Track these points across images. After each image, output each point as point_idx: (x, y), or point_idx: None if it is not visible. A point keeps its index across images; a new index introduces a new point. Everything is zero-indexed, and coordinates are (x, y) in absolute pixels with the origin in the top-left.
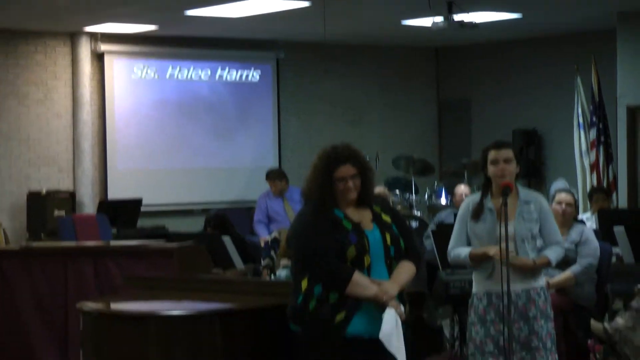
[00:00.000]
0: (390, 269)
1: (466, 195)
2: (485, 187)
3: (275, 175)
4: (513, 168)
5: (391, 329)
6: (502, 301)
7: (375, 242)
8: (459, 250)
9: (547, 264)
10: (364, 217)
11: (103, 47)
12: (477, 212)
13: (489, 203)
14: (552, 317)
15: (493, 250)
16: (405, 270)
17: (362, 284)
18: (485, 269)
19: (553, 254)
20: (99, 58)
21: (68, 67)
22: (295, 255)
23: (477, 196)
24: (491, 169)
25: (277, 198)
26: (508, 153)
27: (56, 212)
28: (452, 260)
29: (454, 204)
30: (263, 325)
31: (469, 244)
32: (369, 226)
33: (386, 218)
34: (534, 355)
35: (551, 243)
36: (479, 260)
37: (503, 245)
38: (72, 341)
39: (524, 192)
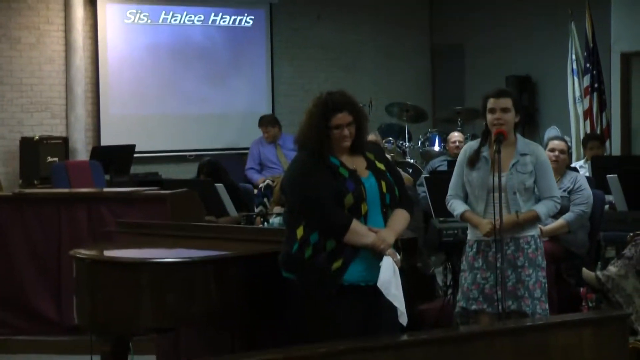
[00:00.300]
0: (385, 217)
1: (460, 143)
2: (484, 135)
3: (268, 122)
4: (510, 117)
5: (389, 276)
6: (490, 249)
7: (372, 190)
8: (455, 205)
9: (535, 218)
10: (359, 165)
11: None
12: (473, 160)
13: (486, 152)
14: (544, 266)
15: (484, 231)
16: (401, 218)
17: (360, 232)
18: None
19: (543, 208)
20: (91, 2)
21: (61, 11)
22: (291, 203)
23: (476, 143)
24: (488, 117)
25: (269, 145)
26: (506, 102)
27: (49, 159)
28: (449, 210)
29: (447, 151)
30: (256, 272)
31: (465, 191)
32: (364, 173)
33: (380, 166)
34: (520, 304)
35: (545, 198)
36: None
37: (496, 195)
38: (65, 288)
39: (522, 144)
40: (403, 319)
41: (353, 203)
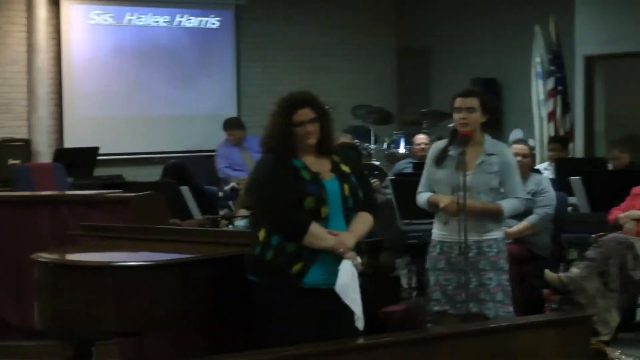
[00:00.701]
0: (348, 220)
1: (425, 145)
2: (453, 134)
3: (233, 125)
4: (476, 117)
5: (347, 280)
6: (452, 251)
7: (334, 193)
8: (422, 195)
9: (498, 212)
10: (323, 167)
11: None
12: (440, 159)
13: (452, 150)
14: (507, 270)
15: (443, 203)
16: (363, 222)
17: (319, 235)
18: (441, 217)
19: (507, 204)
20: (55, 3)
21: (23, 12)
22: (254, 206)
23: (443, 142)
24: (455, 116)
25: (235, 147)
26: (473, 102)
27: (11, 161)
28: (418, 204)
29: (412, 153)
30: (221, 275)
31: (434, 188)
32: (327, 176)
33: (345, 168)
34: (481, 307)
35: (510, 197)
36: (436, 206)
37: (460, 194)
38: (27, 292)
39: (490, 144)
40: (360, 323)
41: (313, 206)
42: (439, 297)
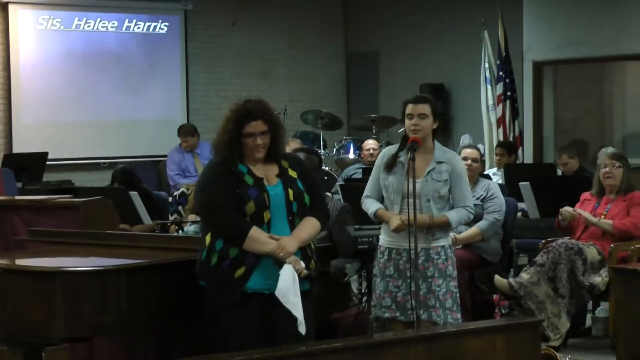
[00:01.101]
0: (292, 225)
1: (374, 150)
2: (403, 140)
3: (187, 131)
4: (427, 124)
5: (287, 285)
6: (401, 257)
7: (277, 198)
8: (369, 204)
9: (446, 224)
10: (269, 172)
11: None
12: (390, 165)
13: (403, 157)
14: (455, 276)
15: (393, 225)
16: (308, 226)
17: (259, 239)
18: (389, 226)
19: (455, 215)
20: (3, 8)
21: None
22: (199, 210)
23: (394, 148)
24: (406, 123)
25: (188, 154)
26: (424, 108)
27: None
28: (364, 209)
29: (362, 158)
30: (170, 280)
31: (381, 194)
32: (273, 181)
33: (292, 174)
34: (431, 314)
35: (458, 206)
36: (383, 221)
37: (410, 201)
38: None
39: (440, 151)
40: (302, 328)
41: (255, 211)
42: (388, 303)
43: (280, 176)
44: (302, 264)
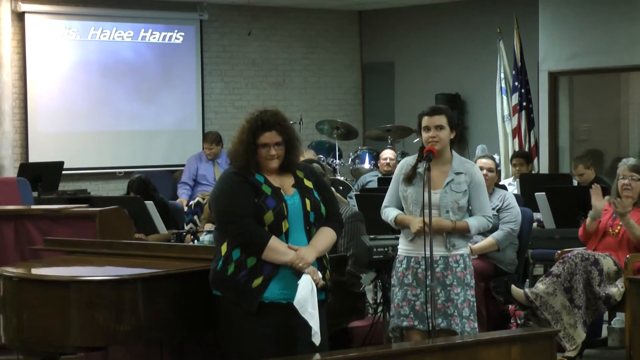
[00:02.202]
0: (309, 235)
1: (391, 160)
2: (421, 151)
3: (213, 139)
4: (445, 135)
5: (306, 295)
6: (419, 266)
7: (295, 208)
8: (389, 211)
9: (465, 229)
10: (285, 182)
11: (24, 6)
12: (410, 176)
13: (422, 168)
14: (472, 285)
15: (414, 229)
16: (325, 236)
17: (278, 249)
18: (407, 233)
19: (475, 222)
20: (19, 18)
21: None
22: (216, 219)
23: (412, 159)
24: (423, 135)
25: (208, 162)
26: (441, 120)
27: None
28: (383, 218)
29: (377, 168)
30: (186, 290)
31: (400, 205)
32: (289, 191)
33: (308, 184)
34: (450, 323)
35: (477, 214)
36: (404, 226)
37: (426, 211)
38: None
39: (458, 162)
40: (316, 339)
41: (273, 220)
42: (407, 312)
43: (297, 186)
44: (320, 275)
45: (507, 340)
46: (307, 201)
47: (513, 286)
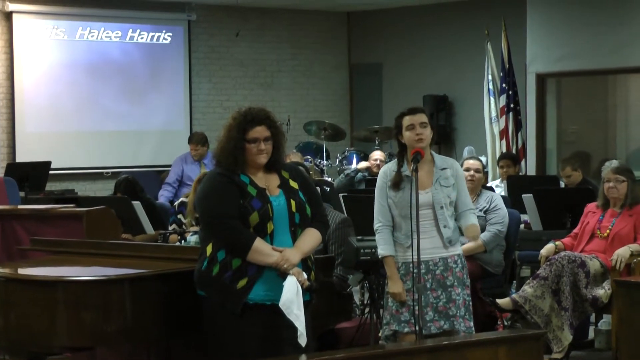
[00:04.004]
0: (294, 236)
1: (381, 161)
2: (401, 154)
3: (199, 140)
4: (429, 132)
5: (291, 296)
6: (416, 269)
7: (280, 209)
8: (381, 242)
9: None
10: (271, 183)
11: (11, 6)
12: (397, 182)
13: (407, 171)
14: (468, 284)
15: (392, 290)
16: (310, 237)
17: (262, 251)
18: (404, 242)
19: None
20: (7, 17)
21: None
22: (201, 220)
23: (393, 165)
24: (408, 135)
25: (194, 163)
26: (422, 117)
27: None
28: (376, 240)
29: (368, 169)
30: (172, 290)
31: (391, 215)
32: (275, 192)
33: (293, 184)
34: (452, 323)
35: (464, 210)
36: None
37: (417, 212)
38: None
39: (440, 159)
40: (302, 340)
41: (258, 222)
42: (407, 318)
43: (282, 187)
44: (305, 276)
45: (493, 342)
46: (293, 202)
47: (498, 300)
